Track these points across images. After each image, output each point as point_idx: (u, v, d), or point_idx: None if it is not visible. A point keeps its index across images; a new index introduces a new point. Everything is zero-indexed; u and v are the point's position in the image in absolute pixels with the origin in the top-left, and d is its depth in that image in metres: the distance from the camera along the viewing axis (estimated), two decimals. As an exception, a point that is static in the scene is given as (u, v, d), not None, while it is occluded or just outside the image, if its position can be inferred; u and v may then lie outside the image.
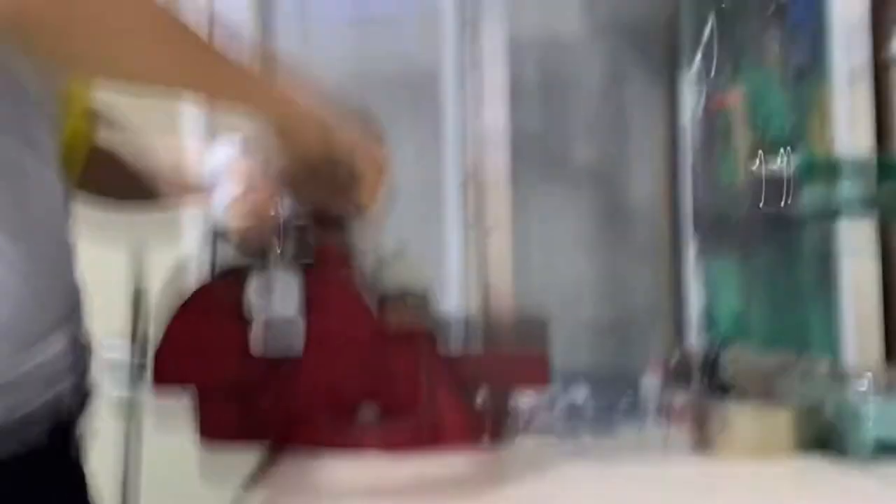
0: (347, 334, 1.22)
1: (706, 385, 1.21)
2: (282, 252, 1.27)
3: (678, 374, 1.30)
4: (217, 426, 1.24)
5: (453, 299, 2.51)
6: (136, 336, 1.51)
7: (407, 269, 1.25)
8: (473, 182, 2.39)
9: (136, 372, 1.86)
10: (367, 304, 1.23)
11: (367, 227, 1.26)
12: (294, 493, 1.03)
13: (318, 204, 1.24)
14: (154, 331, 1.24)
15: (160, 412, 1.34)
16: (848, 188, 1.22)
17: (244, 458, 1.29)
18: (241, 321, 1.24)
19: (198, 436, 1.25)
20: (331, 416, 1.21)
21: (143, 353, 1.60)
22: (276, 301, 1.26)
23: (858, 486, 1.02)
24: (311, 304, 1.23)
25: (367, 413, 1.20)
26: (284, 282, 1.25)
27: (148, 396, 1.23)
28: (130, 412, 1.21)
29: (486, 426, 1.25)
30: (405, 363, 1.22)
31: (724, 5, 2.94)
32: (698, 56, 3.06)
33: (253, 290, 1.25)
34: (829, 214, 1.28)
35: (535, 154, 3.32)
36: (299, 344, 1.20)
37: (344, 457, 1.17)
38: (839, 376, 1.22)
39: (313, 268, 1.23)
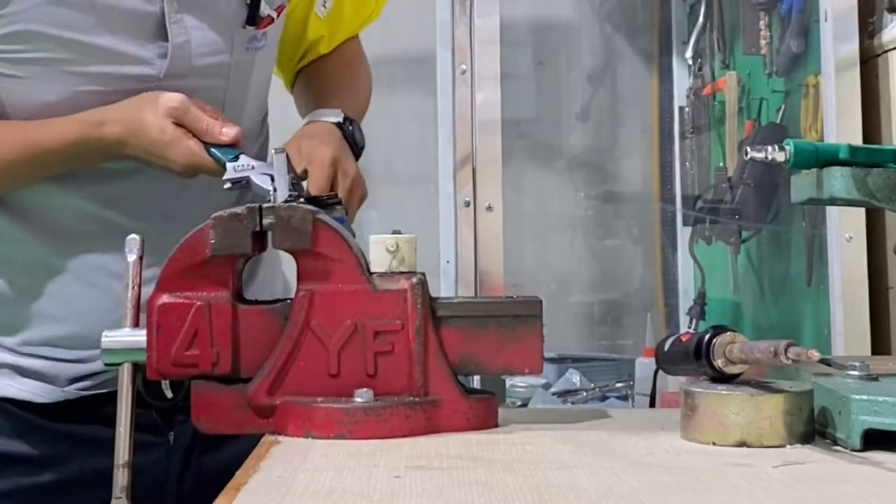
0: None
1: (698, 371, 1.21)
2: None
3: (670, 360, 1.30)
4: (213, 410, 1.25)
5: (446, 280, 2.51)
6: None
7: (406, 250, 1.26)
8: (466, 164, 2.40)
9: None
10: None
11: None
12: (288, 479, 1.03)
13: None
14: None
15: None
16: (838, 176, 1.23)
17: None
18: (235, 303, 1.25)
19: (194, 418, 1.26)
20: (326, 400, 1.22)
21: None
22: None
23: (849, 473, 1.04)
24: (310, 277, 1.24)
25: (363, 395, 1.21)
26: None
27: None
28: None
29: (480, 409, 1.26)
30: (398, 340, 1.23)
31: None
32: (691, 42, 3.06)
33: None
34: (819, 202, 1.28)
35: (527, 138, 3.32)
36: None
37: (339, 441, 1.18)
38: (829, 364, 1.23)
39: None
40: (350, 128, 1.57)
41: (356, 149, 1.56)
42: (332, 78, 1.75)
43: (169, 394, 1.42)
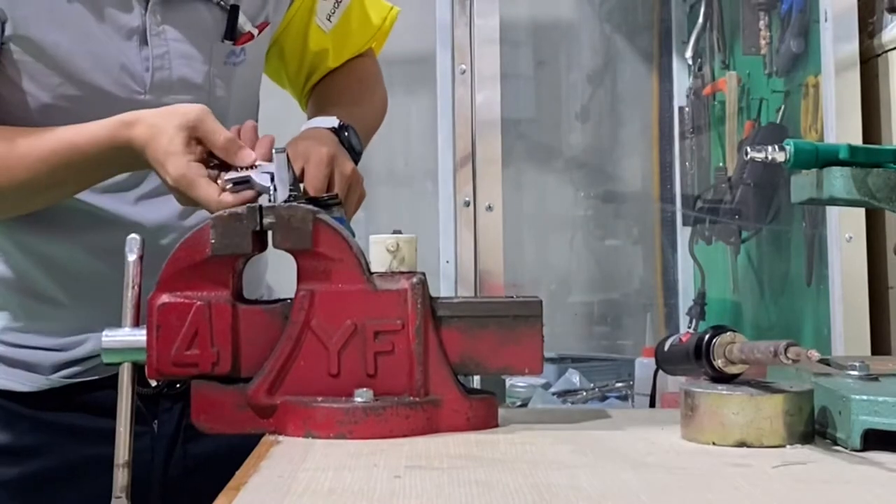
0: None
1: (698, 371, 1.21)
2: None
3: (670, 360, 1.30)
4: (213, 410, 1.25)
5: (446, 280, 2.51)
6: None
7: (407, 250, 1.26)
8: (466, 164, 2.40)
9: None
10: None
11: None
12: (288, 479, 1.03)
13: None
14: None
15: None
16: (838, 176, 1.23)
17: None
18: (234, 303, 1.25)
19: (194, 418, 1.26)
20: (326, 400, 1.22)
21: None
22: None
23: (849, 473, 1.04)
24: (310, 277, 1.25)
25: (363, 395, 1.21)
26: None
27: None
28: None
29: (480, 409, 1.26)
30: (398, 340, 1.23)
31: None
32: (691, 42, 3.06)
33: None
34: (819, 202, 1.29)
35: (527, 138, 3.32)
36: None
37: (339, 441, 1.18)
38: (829, 364, 1.23)
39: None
40: (346, 133, 1.57)
41: (353, 154, 1.56)
42: (340, 91, 1.76)
43: (153, 382, 1.42)
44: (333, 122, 1.59)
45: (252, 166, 1.41)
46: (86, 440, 1.54)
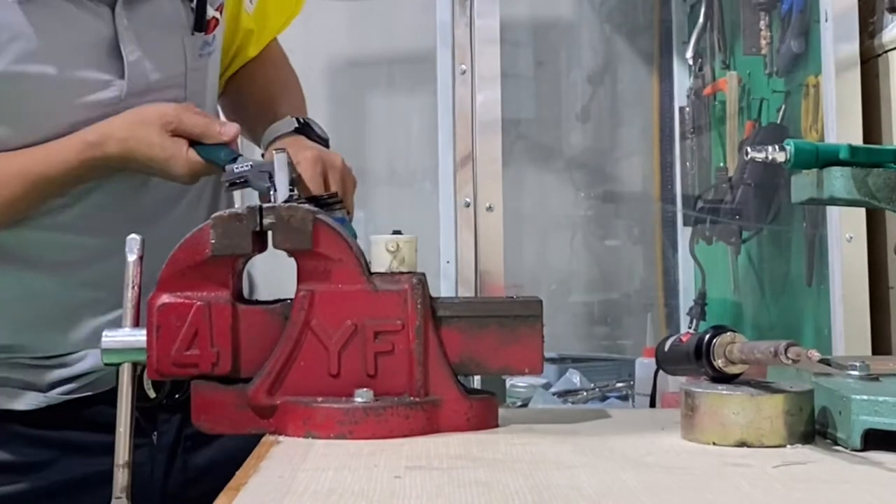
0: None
1: (698, 371, 1.21)
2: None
3: (670, 360, 1.30)
4: (213, 410, 1.25)
5: (446, 280, 2.51)
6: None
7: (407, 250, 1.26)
8: (466, 164, 2.39)
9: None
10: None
11: None
12: (288, 479, 1.03)
13: None
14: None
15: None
16: (838, 176, 1.23)
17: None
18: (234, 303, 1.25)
19: (194, 418, 1.26)
20: (326, 400, 1.22)
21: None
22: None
23: (849, 473, 1.04)
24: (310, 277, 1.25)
25: (363, 395, 1.21)
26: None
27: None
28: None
29: (480, 409, 1.26)
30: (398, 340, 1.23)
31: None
32: (691, 42, 3.06)
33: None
34: (819, 202, 1.29)
35: (527, 138, 3.32)
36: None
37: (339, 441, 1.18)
38: (830, 364, 1.23)
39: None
40: (308, 127, 1.57)
41: (323, 143, 1.57)
42: (268, 87, 1.75)
43: (152, 393, 1.42)
44: (292, 123, 1.58)
45: (250, 164, 1.42)
46: (83, 455, 1.53)
